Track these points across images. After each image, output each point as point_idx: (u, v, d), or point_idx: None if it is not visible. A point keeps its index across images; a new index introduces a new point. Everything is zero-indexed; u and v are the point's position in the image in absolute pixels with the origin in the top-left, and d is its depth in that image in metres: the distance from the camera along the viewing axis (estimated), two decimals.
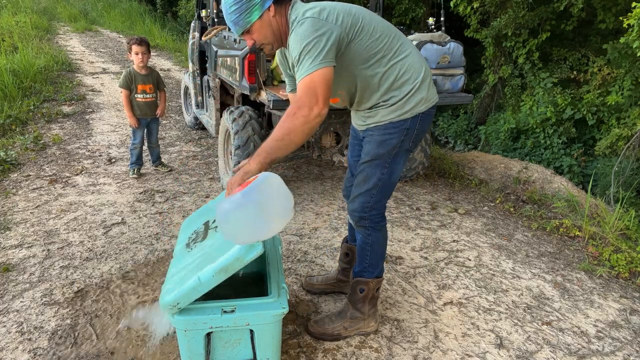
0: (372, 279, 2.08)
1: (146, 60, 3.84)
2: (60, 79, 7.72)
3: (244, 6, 1.62)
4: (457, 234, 3.31)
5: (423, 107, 1.83)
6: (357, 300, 2.11)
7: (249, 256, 1.59)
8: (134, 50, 3.77)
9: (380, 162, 1.89)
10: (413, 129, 1.84)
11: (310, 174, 4.33)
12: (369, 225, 1.99)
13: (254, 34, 1.70)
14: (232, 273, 1.61)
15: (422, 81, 1.82)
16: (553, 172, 4.34)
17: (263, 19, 1.66)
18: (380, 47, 1.75)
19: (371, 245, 2.03)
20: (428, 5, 7.59)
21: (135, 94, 3.87)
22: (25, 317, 2.21)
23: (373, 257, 2.05)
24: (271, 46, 1.77)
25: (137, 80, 3.85)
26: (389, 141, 1.84)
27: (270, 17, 1.67)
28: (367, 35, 1.72)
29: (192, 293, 1.59)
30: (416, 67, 1.82)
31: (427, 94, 1.84)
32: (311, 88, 1.57)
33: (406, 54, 1.80)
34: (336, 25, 1.63)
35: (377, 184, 1.92)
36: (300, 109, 1.57)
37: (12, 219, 3.18)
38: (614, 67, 4.78)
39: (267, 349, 1.74)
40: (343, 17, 1.66)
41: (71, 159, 4.41)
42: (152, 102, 3.95)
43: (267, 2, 1.65)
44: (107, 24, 16.35)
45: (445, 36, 3.49)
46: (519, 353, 2.13)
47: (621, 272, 2.86)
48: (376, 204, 1.96)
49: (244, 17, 1.64)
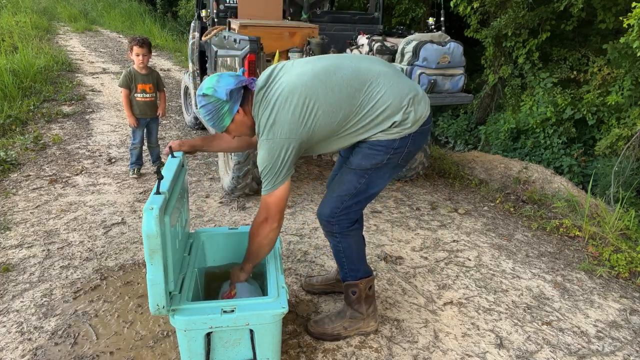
0: (360, 280, 2.08)
1: (147, 61, 3.84)
2: (60, 79, 7.72)
3: (215, 116, 1.76)
4: (457, 234, 3.31)
5: (413, 127, 1.81)
6: (353, 302, 2.12)
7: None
8: (135, 51, 3.76)
9: (360, 172, 1.89)
10: (403, 147, 1.83)
11: (310, 174, 4.33)
12: (336, 231, 1.98)
13: (232, 132, 1.85)
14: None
15: (404, 111, 1.77)
16: (553, 172, 4.34)
17: (235, 121, 1.79)
18: (345, 113, 1.75)
19: (344, 252, 2.03)
20: (428, 5, 7.58)
21: (135, 93, 3.86)
22: (25, 317, 2.21)
23: (349, 262, 2.05)
24: (247, 135, 1.90)
25: (137, 80, 3.85)
26: (374, 156, 1.84)
27: (242, 117, 1.79)
28: (326, 116, 1.74)
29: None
30: (395, 102, 1.77)
31: (415, 116, 1.80)
32: (268, 209, 1.81)
33: (380, 95, 1.76)
34: (289, 138, 1.71)
35: (351, 192, 1.91)
36: (261, 226, 1.83)
37: (12, 219, 3.18)
38: (614, 67, 4.78)
39: (267, 349, 1.74)
40: (292, 127, 1.70)
41: (71, 159, 4.41)
42: (151, 102, 3.94)
43: (235, 107, 1.75)
44: (107, 24, 16.34)
45: (445, 36, 3.49)
46: (519, 353, 2.13)
47: (621, 272, 2.86)
48: (345, 211, 1.94)
49: (218, 124, 1.78)
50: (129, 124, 3.98)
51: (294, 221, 3.34)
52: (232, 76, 1.75)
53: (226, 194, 3.71)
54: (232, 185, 3.52)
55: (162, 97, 4.09)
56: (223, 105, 1.73)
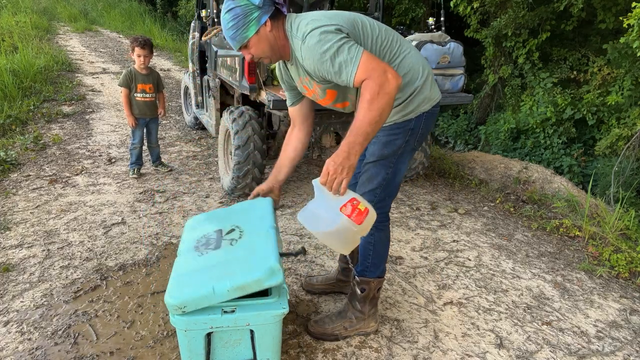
0: (374, 279, 2.07)
1: (148, 62, 3.86)
2: (60, 79, 7.72)
3: (240, 22, 1.63)
4: (457, 234, 3.31)
5: (426, 106, 1.83)
6: (358, 300, 2.10)
7: (269, 282, 1.60)
8: (136, 52, 3.78)
9: (386, 162, 1.88)
10: (418, 128, 1.84)
11: (310, 174, 4.33)
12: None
13: (252, 48, 1.71)
14: (247, 293, 1.61)
15: (424, 81, 1.80)
16: (553, 172, 4.34)
17: (260, 34, 1.66)
18: (380, 48, 1.73)
19: (374, 245, 2.02)
20: (428, 5, 7.59)
21: (134, 93, 3.87)
22: (25, 317, 2.21)
23: (375, 256, 2.04)
24: (269, 59, 1.77)
25: (138, 80, 3.86)
26: (394, 142, 1.84)
27: (267, 32, 1.67)
28: (368, 37, 1.70)
29: (202, 301, 1.59)
30: (416, 67, 1.80)
31: (430, 92, 1.83)
32: (370, 68, 1.52)
33: (405, 54, 1.78)
34: (339, 25, 1.63)
35: (381, 184, 1.91)
36: (380, 86, 1.51)
37: (12, 219, 3.18)
38: (614, 67, 4.78)
39: (267, 349, 1.74)
40: (344, 23, 1.65)
41: (71, 159, 4.41)
42: (151, 102, 3.95)
43: (264, 18, 1.64)
44: (107, 24, 16.35)
45: (445, 36, 3.49)
46: (519, 353, 2.13)
47: (621, 272, 2.86)
48: (380, 203, 1.94)
49: (241, 32, 1.65)
50: (128, 123, 3.98)
51: (294, 221, 3.34)
52: None
53: (226, 194, 3.71)
54: (232, 185, 3.52)
55: (162, 98, 4.10)
56: (253, 11, 1.62)
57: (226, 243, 1.84)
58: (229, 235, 1.90)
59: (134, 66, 3.88)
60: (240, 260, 1.69)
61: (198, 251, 1.84)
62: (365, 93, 1.52)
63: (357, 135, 1.54)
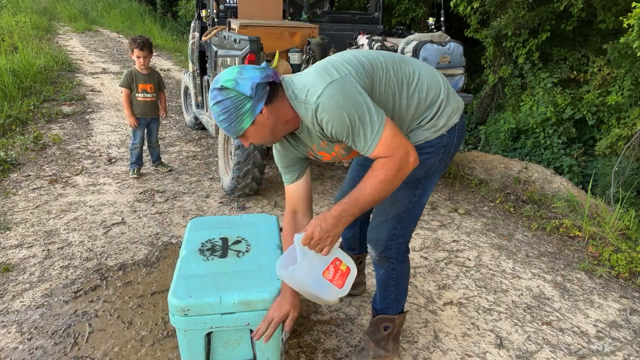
0: (398, 315, 1.92)
1: (147, 62, 3.86)
2: (60, 79, 7.72)
3: (232, 116, 1.42)
4: (457, 234, 3.31)
5: (456, 117, 1.65)
6: (381, 339, 1.94)
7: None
8: (135, 53, 3.78)
9: (414, 184, 1.69)
10: (451, 144, 1.66)
11: (310, 174, 4.33)
12: (394, 256, 1.80)
13: (250, 138, 1.50)
14: (252, 309, 1.65)
15: (447, 91, 1.64)
16: (553, 172, 4.34)
17: (257, 123, 1.45)
18: (395, 79, 1.55)
19: (396, 280, 1.85)
20: (428, 5, 7.58)
21: (135, 93, 3.86)
22: (25, 317, 2.21)
23: (398, 291, 1.88)
24: (272, 141, 1.57)
25: (139, 80, 3.86)
26: (426, 162, 1.63)
27: (265, 120, 1.45)
28: (380, 72, 1.52)
29: (207, 308, 1.61)
30: (435, 79, 1.64)
31: (456, 102, 1.67)
32: (393, 147, 1.40)
33: (419, 74, 1.62)
34: (350, 75, 1.43)
35: (407, 207, 1.72)
36: (399, 170, 1.42)
37: (12, 219, 3.18)
38: (614, 67, 4.78)
39: (267, 349, 1.74)
40: (352, 68, 1.46)
41: (71, 159, 4.41)
42: (152, 102, 3.95)
43: (259, 107, 1.42)
44: (107, 24, 16.34)
45: (445, 36, 3.49)
46: (519, 353, 2.13)
47: (621, 272, 2.86)
48: (404, 230, 1.77)
49: (235, 125, 1.44)
50: (129, 124, 3.98)
51: None
52: (258, 69, 1.44)
53: (226, 194, 3.71)
54: (232, 185, 3.52)
55: (162, 97, 4.10)
56: (245, 102, 1.40)
57: (233, 254, 1.90)
58: (235, 246, 1.96)
59: (134, 66, 3.88)
60: (249, 276, 1.75)
61: (203, 255, 1.88)
62: (380, 170, 1.42)
63: (353, 206, 1.45)
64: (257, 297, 1.64)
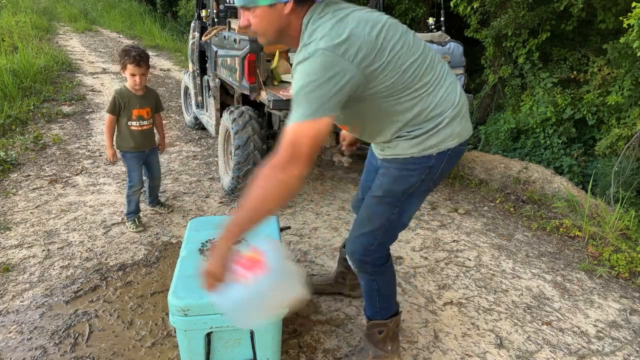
0: (390, 319, 1.89)
1: (144, 81, 2.90)
2: (60, 79, 7.72)
3: None
4: (457, 234, 3.31)
5: (453, 142, 1.54)
6: (378, 342, 1.92)
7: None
8: (129, 70, 2.81)
9: (392, 201, 1.62)
10: (437, 167, 1.56)
11: (310, 174, 4.33)
12: (371, 270, 1.77)
13: (254, 18, 1.39)
14: None
15: (456, 114, 1.53)
16: (553, 172, 4.34)
17: (274, 8, 1.35)
18: (409, 80, 1.43)
19: (378, 290, 1.81)
20: (428, 5, 7.58)
21: (128, 121, 2.92)
22: (25, 317, 2.21)
23: (382, 300, 1.85)
24: (265, 39, 1.45)
25: (132, 104, 2.91)
26: (407, 178, 1.57)
27: (283, 14, 1.36)
28: (392, 71, 1.40)
29: (207, 308, 1.61)
30: (451, 98, 1.52)
31: (461, 128, 1.56)
32: (296, 144, 1.29)
33: (441, 84, 1.51)
34: (353, 64, 1.32)
35: (384, 225, 1.67)
36: (277, 169, 1.29)
37: (12, 219, 3.18)
38: (614, 67, 4.78)
39: (267, 349, 1.74)
40: (365, 53, 1.33)
41: (71, 159, 4.41)
42: (149, 130, 3.06)
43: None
44: (107, 24, 16.34)
45: (445, 36, 3.49)
46: (519, 353, 2.13)
47: (621, 272, 2.86)
48: (379, 247, 1.72)
49: None
50: (107, 157, 3.04)
51: (294, 221, 3.34)
52: None
53: (226, 194, 3.71)
54: (232, 185, 3.52)
55: (159, 122, 3.18)
56: None
57: None
58: (235, 246, 1.92)
59: (125, 85, 2.92)
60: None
61: (203, 255, 1.88)
62: (266, 165, 1.31)
63: (234, 219, 1.34)
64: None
